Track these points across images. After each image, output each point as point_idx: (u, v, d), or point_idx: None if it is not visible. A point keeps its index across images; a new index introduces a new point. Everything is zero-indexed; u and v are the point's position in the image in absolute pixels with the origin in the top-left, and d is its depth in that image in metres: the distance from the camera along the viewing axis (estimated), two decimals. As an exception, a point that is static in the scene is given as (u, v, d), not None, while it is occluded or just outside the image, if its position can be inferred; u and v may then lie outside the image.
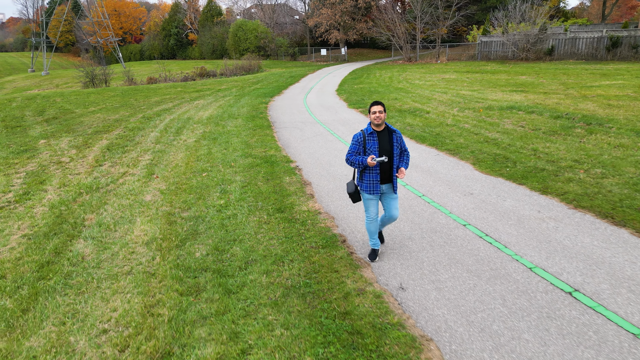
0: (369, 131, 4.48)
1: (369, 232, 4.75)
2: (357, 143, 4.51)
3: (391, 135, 4.50)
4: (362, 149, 4.48)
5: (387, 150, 4.43)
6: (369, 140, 4.45)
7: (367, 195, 4.59)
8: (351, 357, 3.25)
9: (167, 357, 3.46)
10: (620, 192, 6.08)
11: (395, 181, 4.57)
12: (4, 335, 3.90)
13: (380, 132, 4.47)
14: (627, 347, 3.24)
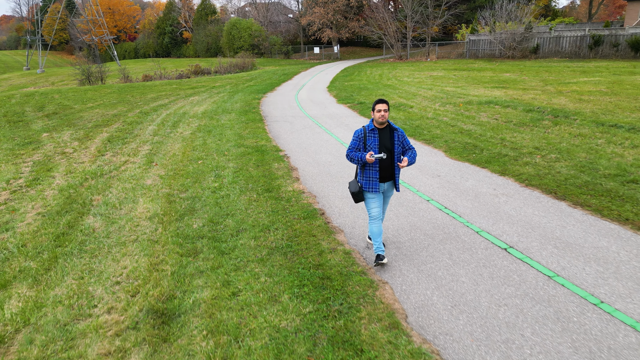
0: (370, 127, 4.42)
1: (372, 234, 4.53)
2: (357, 139, 4.45)
3: (392, 133, 4.44)
4: (362, 146, 4.43)
5: (387, 147, 4.38)
6: (369, 136, 4.39)
7: (368, 194, 4.50)
8: (320, 294, 4.04)
9: (171, 300, 4.22)
10: (567, 173, 6.90)
11: (397, 179, 4.53)
12: (32, 287, 4.64)
13: (382, 130, 4.42)
14: (541, 284, 4.05)
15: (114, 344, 3.62)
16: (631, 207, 5.51)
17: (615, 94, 14.39)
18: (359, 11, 48.17)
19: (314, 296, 4.03)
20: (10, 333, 3.87)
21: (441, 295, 3.99)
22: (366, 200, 4.55)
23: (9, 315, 4.11)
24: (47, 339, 3.74)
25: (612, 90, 15.23)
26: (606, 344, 3.24)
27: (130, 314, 4.00)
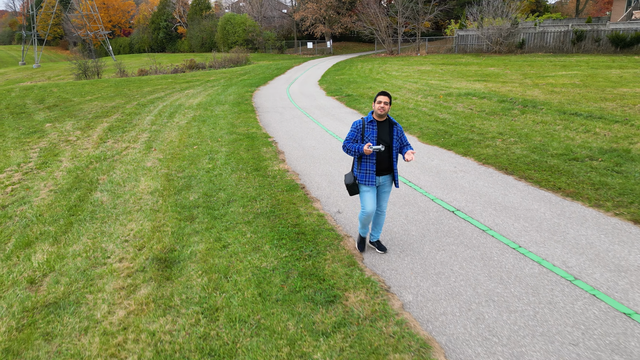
0: (369, 119, 4.37)
1: (361, 222, 4.61)
2: (355, 130, 4.40)
3: (391, 127, 4.39)
4: (360, 137, 4.38)
5: (385, 141, 4.33)
6: (367, 128, 4.34)
7: (364, 187, 4.44)
8: (295, 244, 4.92)
9: (172, 252, 5.08)
10: (520, 153, 7.81)
11: (396, 174, 4.50)
12: (52, 245, 5.48)
13: (381, 123, 4.37)
14: (475, 236, 4.95)
15: (126, 281, 4.49)
16: (566, 179, 6.42)
17: (586, 86, 15.31)
18: (351, 7, 48.91)
19: (289, 246, 4.91)
20: (39, 277, 4.72)
21: (393, 244, 4.88)
22: (361, 194, 4.48)
23: (36, 264, 4.96)
24: (70, 280, 4.59)
25: (584, 82, 16.16)
26: (514, 274, 4.15)
27: (138, 262, 4.86)
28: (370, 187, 4.41)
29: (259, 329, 3.56)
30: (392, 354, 3.18)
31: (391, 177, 4.52)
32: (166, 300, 4.09)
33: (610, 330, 3.34)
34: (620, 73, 18.43)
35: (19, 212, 6.69)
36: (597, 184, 6.14)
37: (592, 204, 5.56)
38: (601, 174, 6.50)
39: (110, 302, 4.13)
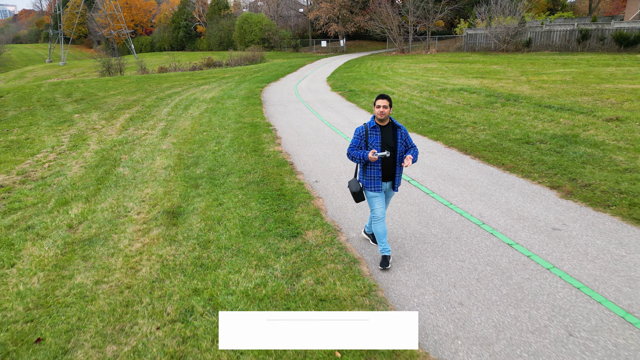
0: (372, 125, 4.25)
1: (377, 235, 4.42)
2: (358, 137, 4.29)
3: (395, 131, 4.28)
4: (363, 144, 4.26)
5: (390, 146, 4.21)
6: (371, 134, 4.23)
7: (371, 193, 4.36)
8: (275, 202, 6.18)
9: (178, 208, 6.38)
10: (484, 138, 8.93)
11: (397, 179, 4.42)
12: (85, 203, 6.85)
13: (384, 127, 4.25)
14: (420, 197, 6.13)
15: (142, 226, 5.81)
16: (512, 157, 7.54)
17: (574, 82, 16.19)
18: (364, 6, 49.94)
19: (270, 203, 6.18)
20: (75, 224, 6.08)
21: (353, 203, 6.09)
22: (369, 200, 4.41)
23: (73, 215, 6.33)
24: (99, 225, 5.93)
25: (574, 79, 17.03)
26: (438, 221, 5.33)
27: (152, 214, 6.18)
28: (378, 192, 4.32)
29: (239, 252, 4.83)
30: (330, 264, 4.42)
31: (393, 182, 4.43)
32: (171, 236, 5.39)
33: (492, 253, 4.52)
34: (614, 71, 19.17)
35: (55, 181, 8.11)
36: (535, 161, 7.24)
37: (524, 175, 6.68)
38: (542, 154, 7.60)
39: (130, 239, 5.45)
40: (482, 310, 3.66)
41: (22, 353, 3.48)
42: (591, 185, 6.08)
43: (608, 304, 3.65)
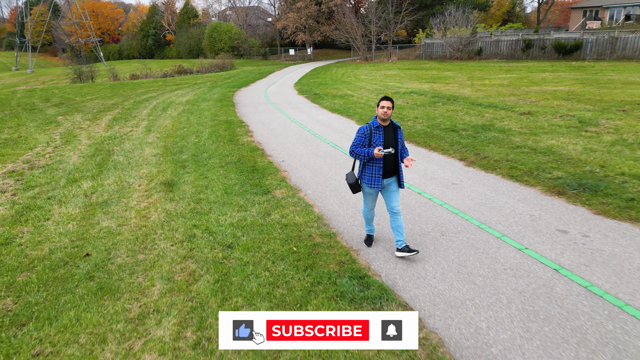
0: (375, 125, 4.50)
1: (365, 219, 4.96)
2: (362, 135, 4.53)
3: (396, 131, 4.57)
4: (367, 142, 4.50)
5: (391, 144, 4.48)
6: (374, 133, 4.47)
7: (367, 190, 4.65)
8: (250, 174, 7.90)
9: (172, 180, 7.99)
10: (419, 128, 10.92)
11: (401, 175, 4.66)
12: (92, 180, 8.36)
13: (386, 127, 4.51)
14: (345, 161, 7.98)
15: (145, 193, 7.41)
16: (437, 141, 9.52)
17: (509, 85, 18.60)
18: (330, 16, 52.27)
19: (246, 174, 7.89)
20: (89, 193, 7.60)
21: (311, 174, 7.88)
22: (364, 196, 4.77)
23: (85, 187, 7.85)
24: (109, 193, 7.48)
25: (510, 83, 19.47)
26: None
27: (151, 185, 7.78)
28: (376, 189, 4.59)
29: (224, 204, 6.53)
30: (291, 207, 6.19)
31: (396, 178, 4.66)
32: (170, 197, 7.03)
33: (405, 198, 6.38)
34: (547, 76, 21.81)
35: (60, 167, 9.54)
36: (454, 143, 9.25)
37: (443, 152, 8.65)
38: (461, 138, 9.63)
39: (137, 200, 7.05)
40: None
41: (77, 262, 5.06)
42: (488, 157, 8.10)
43: (473, 220, 5.57)
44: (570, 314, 3.68)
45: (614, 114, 11.14)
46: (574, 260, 4.51)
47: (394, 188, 4.69)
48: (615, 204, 5.76)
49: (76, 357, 3.49)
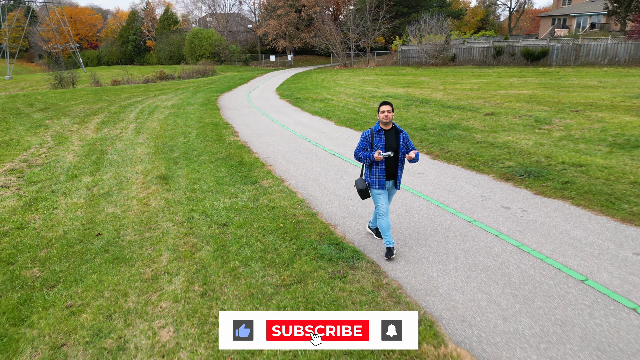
0: (377, 129, 4.69)
1: (382, 229, 4.88)
2: (365, 140, 4.74)
3: (398, 135, 4.70)
4: (369, 146, 4.69)
5: (393, 147, 4.63)
6: (376, 137, 4.65)
7: (375, 191, 4.81)
8: (239, 168, 8.72)
9: (166, 174, 8.74)
10: (393, 127, 11.91)
11: (399, 178, 4.86)
12: (91, 176, 9.04)
13: (388, 131, 4.67)
14: (326, 156, 8.88)
15: (142, 185, 8.15)
16: (408, 138, 10.51)
17: (478, 90, 19.84)
18: (310, 23, 53.40)
19: (235, 168, 8.71)
20: (90, 187, 8.29)
21: (294, 167, 8.74)
22: (374, 197, 4.87)
23: (86, 182, 8.53)
24: (110, 186, 8.19)
25: (480, 87, 20.73)
26: (348, 171, 8.09)
27: (147, 179, 8.52)
28: (382, 190, 4.79)
29: (217, 192, 7.33)
30: (277, 194, 7.04)
31: (394, 180, 4.88)
32: (166, 189, 7.79)
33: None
34: (514, 81, 23.19)
35: (58, 165, 10.17)
36: (422, 140, 10.25)
37: (412, 147, 9.65)
38: (429, 136, 10.64)
39: (136, 191, 7.79)
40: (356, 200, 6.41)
41: (91, 240, 5.81)
42: (451, 151, 9.11)
43: (433, 201, 6.52)
44: (502, 265, 4.62)
45: (567, 114, 12.34)
46: (512, 228, 5.49)
47: (392, 191, 5.00)
48: (552, 186, 6.80)
49: (104, 306, 4.26)
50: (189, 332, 3.79)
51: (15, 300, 4.42)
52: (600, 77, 22.46)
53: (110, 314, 4.12)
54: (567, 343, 3.43)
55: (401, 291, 4.23)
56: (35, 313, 4.21)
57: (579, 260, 4.64)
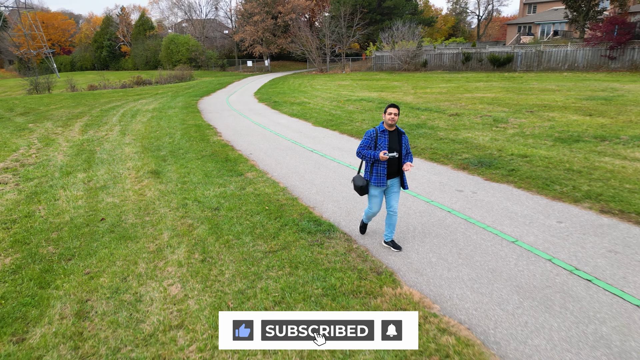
0: (381, 129, 4.87)
1: (366, 216, 5.42)
2: (369, 138, 4.92)
3: (400, 136, 4.92)
4: (373, 145, 4.88)
5: (395, 148, 4.83)
6: (380, 137, 4.85)
7: (373, 191, 5.04)
8: (224, 162, 9.53)
9: (157, 170, 9.47)
10: (366, 128, 12.90)
11: (404, 177, 5.06)
12: (85, 172, 9.67)
13: (391, 132, 4.87)
14: (303, 151, 9.80)
15: (136, 179, 8.86)
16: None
17: (446, 93, 21.11)
18: (286, 29, 54.40)
19: (221, 163, 9.51)
20: (87, 181, 8.95)
21: (275, 162, 9.60)
22: (370, 196, 5.11)
23: (81, 177, 9.19)
24: (105, 180, 8.88)
25: (448, 91, 22.02)
26: (323, 163, 9.01)
27: (140, 174, 9.23)
28: (380, 190, 5.02)
29: (206, 183, 8.13)
30: (261, 183, 7.89)
31: (399, 179, 5.06)
32: (159, 181, 8.54)
33: (341, 172, 8.24)
34: (481, 85, 24.62)
35: (50, 164, 10.75)
36: (391, 136, 11.28)
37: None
38: (398, 133, 11.68)
39: (131, 184, 8.51)
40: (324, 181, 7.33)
41: (96, 224, 6.53)
42: (416, 147, 10.15)
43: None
44: (451, 233, 5.60)
45: (522, 114, 13.59)
46: (462, 206, 6.49)
47: (395, 189, 5.09)
48: (500, 173, 7.87)
49: (118, 272, 5.03)
50: (194, 286, 4.61)
51: (38, 271, 5.15)
52: (558, 82, 24.11)
53: (125, 277, 4.90)
54: (495, 283, 4.40)
55: (368, 253, 5.15)
56: (58, 279, 4.95)
57: (513, 227, 5.67)
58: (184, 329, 3.93)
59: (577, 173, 7.60)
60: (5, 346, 3.85)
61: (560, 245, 5.11)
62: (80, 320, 4.16)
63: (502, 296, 4.18)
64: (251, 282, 4.59)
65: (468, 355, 3.36)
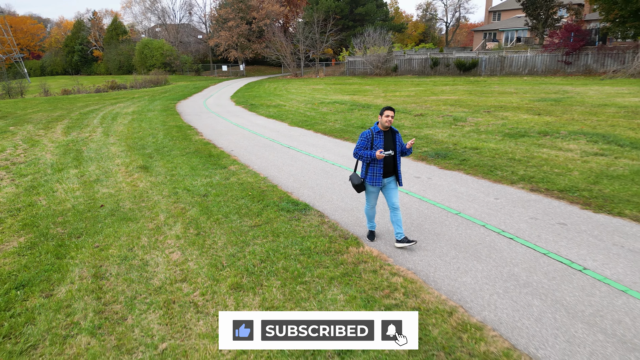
0: (377, 130, 5.07)
1: (368, 216, 5.56)
2: (365, 139, 5.11)
3: (394, 135, 5.14)
4: (369, 145, 5.07)
5: (391, 148, 5.09)
6: (376, 137, 5.05)
7: (370, 188, 5.24)
8: (209, 158, 10.40)
9: (145, 165, 10.27)
10: (338, 127, 13.97)
11: (400, 175, 5.29)
12: (76, 169, 10.37)
13: (386, 132, 5.10)
14: (281, 148, 10.79)
15: (126, 174, 9.64)
16: (348, 135, 12.57)
17: (414, 96, 22.44)
18: (261, 35, 55.27)
19: (205, 159, 10.38)
20: (79, 176, 9.67)
21: (255, 157, 10.53)
22: (367, 193, 5.35)
23: (74, 172, 9.90)
24: (97, 175, 9.62)
25: (415, 94, 23.37)
26: (301, 158, 10.01)
27: (129, 169, 10.01)
28: (377, 187, 5.22)
29: (193, 175, 9.00)
30: (244, 174, 8.82)
31: (395, 177, 5.29)
32: (149, 174, 9.35)
33: (320, 165, 9.25)
34: (447, 89, 26.10)
35: (40, 162, 11.38)
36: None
37: (352, 141, 11.71)
38: (367, 131, 12.79)
39: (123, 177, 9.29)
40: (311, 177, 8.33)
41: (97, 210, 7.33)
42: (383, 142, 11.27)
43: (365, 175, 8.57)
44: (407, 208, 6.68)
45: (480, 114, 14.93)
46: (418, 189, 7.59)
47: (393, 186, 5.28)
48: (453, 163, 9.04)
49: (124, 244, 5.88)
50: (192, 252, 5.52)
51: (52, 246, 5.95)
52: (518, 85, 25.83)
53: (131, 248, 5.76)
54: (438, 242, 5.49)
55: (337, 224, 6.17)
56: (72, 251, 5.77)
57: (458, 203, 6.79)
58: (187, 282, 4.84)
59: (518, 162, 8.83)
60: (37, 299, 4.68)
61: (494, 215, 6.25)
62: (98, 280, 5.01)
63: (442, 251, 5.26)
64: (240, 248, 5.53)
65: (411, 289, 4.41)
